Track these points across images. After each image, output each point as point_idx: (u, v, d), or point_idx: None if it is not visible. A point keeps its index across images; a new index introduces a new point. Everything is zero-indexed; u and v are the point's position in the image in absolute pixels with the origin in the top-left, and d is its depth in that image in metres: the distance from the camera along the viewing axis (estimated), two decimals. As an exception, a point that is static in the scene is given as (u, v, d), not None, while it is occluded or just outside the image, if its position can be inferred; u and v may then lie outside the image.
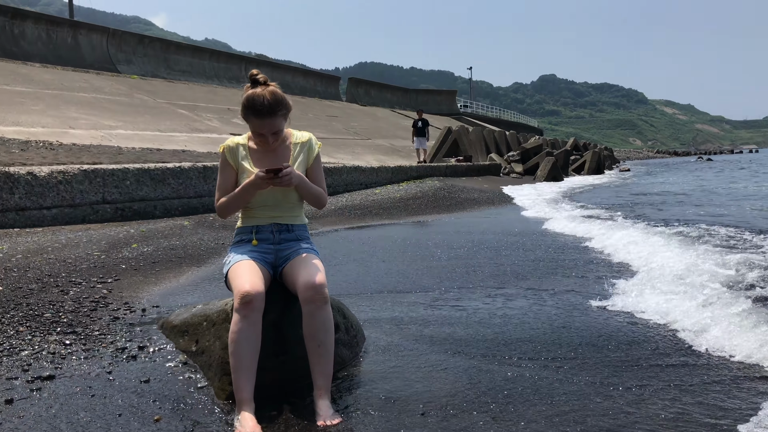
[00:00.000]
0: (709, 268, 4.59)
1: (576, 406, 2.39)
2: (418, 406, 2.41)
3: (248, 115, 2.70)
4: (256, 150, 2.82)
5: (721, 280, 4.25)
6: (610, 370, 2.78)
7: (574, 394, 2.51)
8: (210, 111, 20.70)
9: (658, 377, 2.68)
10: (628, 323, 3.48)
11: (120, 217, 7.99)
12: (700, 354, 2.96)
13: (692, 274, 4.42)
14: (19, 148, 9.23)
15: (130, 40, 27.72)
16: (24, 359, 2.85)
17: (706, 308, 3.50)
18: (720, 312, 3.38)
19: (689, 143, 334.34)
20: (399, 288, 4.48)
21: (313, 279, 2.54)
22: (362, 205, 10.70)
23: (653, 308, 3.68)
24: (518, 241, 6.66)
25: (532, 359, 2.93)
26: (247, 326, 2.44)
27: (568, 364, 2.85)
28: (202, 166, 9.34)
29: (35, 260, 4.95)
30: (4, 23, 22.14)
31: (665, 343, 3.12)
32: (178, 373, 2.75)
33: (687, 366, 2.80)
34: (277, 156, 2.81)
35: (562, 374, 2.72)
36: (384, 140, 26.60)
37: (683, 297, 3.79)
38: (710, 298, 3.66)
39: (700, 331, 3.21)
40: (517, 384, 2.62)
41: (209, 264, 5.36)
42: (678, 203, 12.09)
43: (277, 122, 2.71)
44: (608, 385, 2.59)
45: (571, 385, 2.59)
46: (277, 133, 2.74)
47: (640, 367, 2.81)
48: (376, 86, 48.69)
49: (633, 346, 3.08)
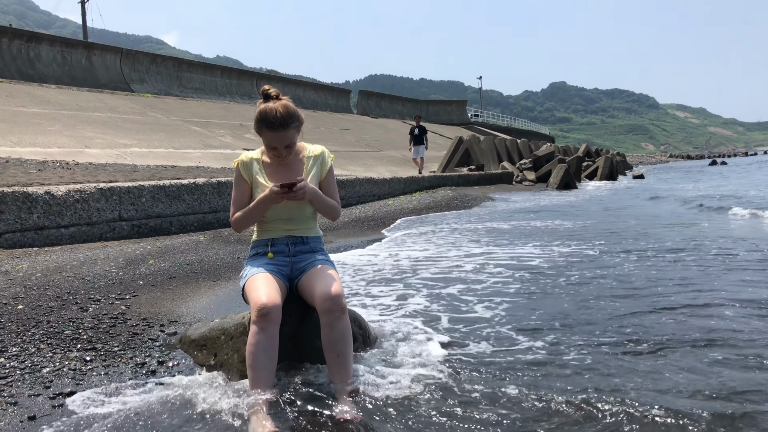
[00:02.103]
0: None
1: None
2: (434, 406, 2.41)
3: (261, 129, 2.73)
4: (270, 164, 2.85)
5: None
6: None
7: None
8: (223, 127, 20.88)
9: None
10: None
11: (136, 234, 8.06)
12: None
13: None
14: (37, 168, 9.36)
15: (143, 59, 28.08)
16: (45, 376, 2.88)
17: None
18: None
19: (702, 147, 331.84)
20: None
21: (330, 290, 2.56)
22: (375, 217, 10.72)
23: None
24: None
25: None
26: (265, 338, 2.45)
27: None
28: (216, 181, 9.41)
29: (54, 278, 5.01)
30: (20, 47, 22.53)
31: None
32: (198, 387, 2.77)
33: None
34: (290, 170, 2.84)
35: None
36: (396, 151, 26.66)
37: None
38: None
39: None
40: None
41: (226, 278, 5.39)
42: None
43: (290, 135, 2.73)
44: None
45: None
46: (290, 147, 2.76)
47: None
48: (387, 98, 48.88)
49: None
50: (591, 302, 4.16)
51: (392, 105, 48.23)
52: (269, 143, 2.75)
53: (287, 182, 2.63)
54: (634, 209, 12.04)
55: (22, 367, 2.99)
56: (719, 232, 7.64)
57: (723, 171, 36.47)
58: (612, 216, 10.56)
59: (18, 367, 2.99)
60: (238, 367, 2.69)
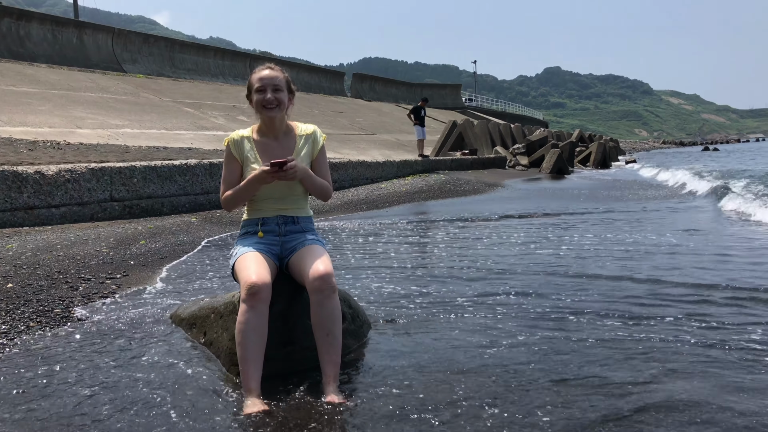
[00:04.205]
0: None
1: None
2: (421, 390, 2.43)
3: (251, 77, 2.81)
4: (261, 142, 2.85)
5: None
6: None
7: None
8: (215, 109, 20.75)
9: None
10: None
11: (128, 215, 8.04)
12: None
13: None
14: (27, 148, 9.29)
15: (135, 39, 27.78)
16: (36, 352, 2.88)
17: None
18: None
19: (695, 133, 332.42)
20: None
21: (320, 269, 2.56)
22: (368, 200, 10.72)
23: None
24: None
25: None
26: (254, 317, 2.46)
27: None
28: (208, 163, 9.38)
29: (44, 258, 5.00)
30: (9, 24, 22.23)
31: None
32: (187, 364, 2.78)
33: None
34: (282, 148, 2.83)
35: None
36: (389, 135, 26.59)
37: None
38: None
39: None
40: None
41: (216, 259, 5.39)
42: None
43: (279, 80, 2.79)
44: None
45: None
46: (278, 92, 2.78)
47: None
48: (381, 81, 48.63)
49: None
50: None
51: (386, 88, 47.99)
52: (257, 85, 2.78)
53: (278, 161, 2.62)
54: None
55: (11, 344, 2.99)
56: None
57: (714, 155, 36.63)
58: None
59: (7, 344, 2.99)
60: (228, 345, 2.71)
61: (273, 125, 2.83)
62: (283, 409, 2.31)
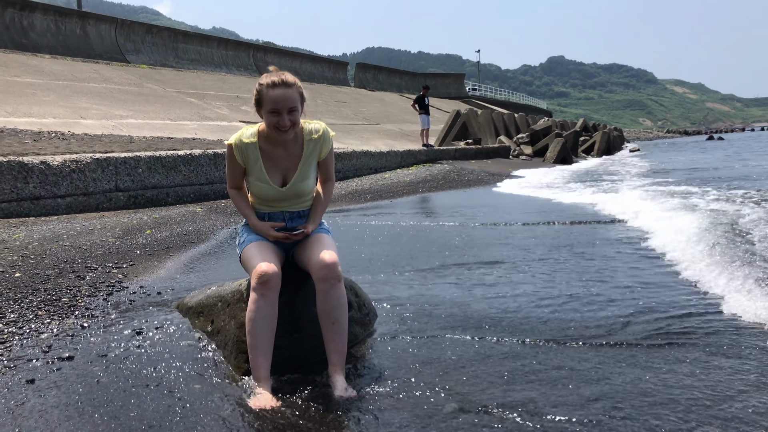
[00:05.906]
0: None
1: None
2: (432, 379, 2.45)
3: (263, 92, 2.60)
4: (267, 149, 2.75)
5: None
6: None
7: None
8: (219, 99, 20.73)
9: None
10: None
11: (133, 205, 8.06)
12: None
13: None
14: (32, 139, 9.31)
15: (138, 29, 27.74)
16: (44, 341, 2.91)
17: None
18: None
19: (700, 122, 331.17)
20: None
21: (326, 258, 2.57)
22: (372, 189, 10.72)
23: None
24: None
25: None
26: (265, 305, 2.47)
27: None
28: (212, 153, 9.39)
29: (51, 247, 5.02)
30: (13, 15, 22.20)
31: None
32: (195, 352, 2.80)
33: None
34: (288, 156, 2.75)
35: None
36: (393, 125, 26.55)
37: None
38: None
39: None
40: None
41: (223, 249, 5.41)
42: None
43: (293, 97, 2.60)
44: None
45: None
46: (293, 112, 2.61)
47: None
48: (384, 71, 48.47)
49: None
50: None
51: (390, 78, 47.85)
52: (271, 107, 2.59)
53: (291, 233, 2.72)
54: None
55: (20, 333, 3.02)
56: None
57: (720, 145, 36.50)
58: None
59: (17, 332, 3.02)
60: (236, 333, 2.72)
61: (283, 139, 2.71)
62: (290, 401, 2.32)
